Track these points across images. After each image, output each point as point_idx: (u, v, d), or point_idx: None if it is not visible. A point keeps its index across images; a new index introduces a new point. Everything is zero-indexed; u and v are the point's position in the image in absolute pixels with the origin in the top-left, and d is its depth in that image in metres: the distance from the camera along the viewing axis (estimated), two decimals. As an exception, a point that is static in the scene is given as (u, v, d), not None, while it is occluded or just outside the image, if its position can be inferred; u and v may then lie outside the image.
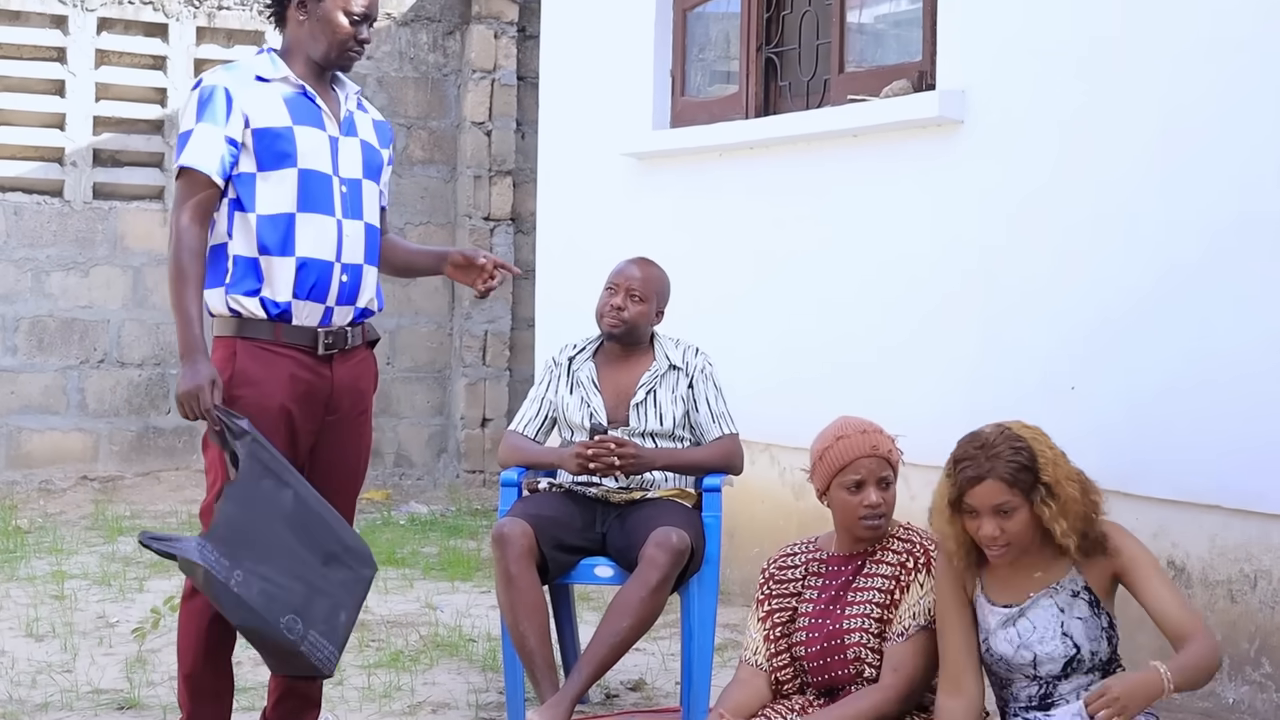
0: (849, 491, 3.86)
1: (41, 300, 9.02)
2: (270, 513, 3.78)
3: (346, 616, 3.87)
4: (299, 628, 3.76)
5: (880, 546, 3.91)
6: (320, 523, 3.85)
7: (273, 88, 3.97)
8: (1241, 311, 4.59)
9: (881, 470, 3.87)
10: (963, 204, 5.53)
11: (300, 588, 3.77)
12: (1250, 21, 4.58)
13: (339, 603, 3.85)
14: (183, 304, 3.84)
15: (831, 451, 3.89)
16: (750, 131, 6.50)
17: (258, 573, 3.72)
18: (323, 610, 3.80)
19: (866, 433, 3.91)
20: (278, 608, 3.73)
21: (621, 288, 4.91)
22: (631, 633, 4.45)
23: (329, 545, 3.86)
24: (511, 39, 9.89)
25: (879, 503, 3.85)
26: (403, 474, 9.84)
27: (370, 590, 4.05)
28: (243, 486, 3.77)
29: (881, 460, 3.88)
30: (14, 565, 7.07)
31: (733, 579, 6.37)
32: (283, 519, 3.79)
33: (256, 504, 3.77)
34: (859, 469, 3.85)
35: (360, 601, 3.95)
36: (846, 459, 3.86)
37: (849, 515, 3.88)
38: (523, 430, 4.95)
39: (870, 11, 6.41)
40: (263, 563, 3.74)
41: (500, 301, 9.89)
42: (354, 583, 3.90)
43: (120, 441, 9.20)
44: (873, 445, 3.88)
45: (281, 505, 3.79)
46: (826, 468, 3.90)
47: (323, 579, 3.82)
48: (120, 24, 9.11)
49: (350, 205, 4.00)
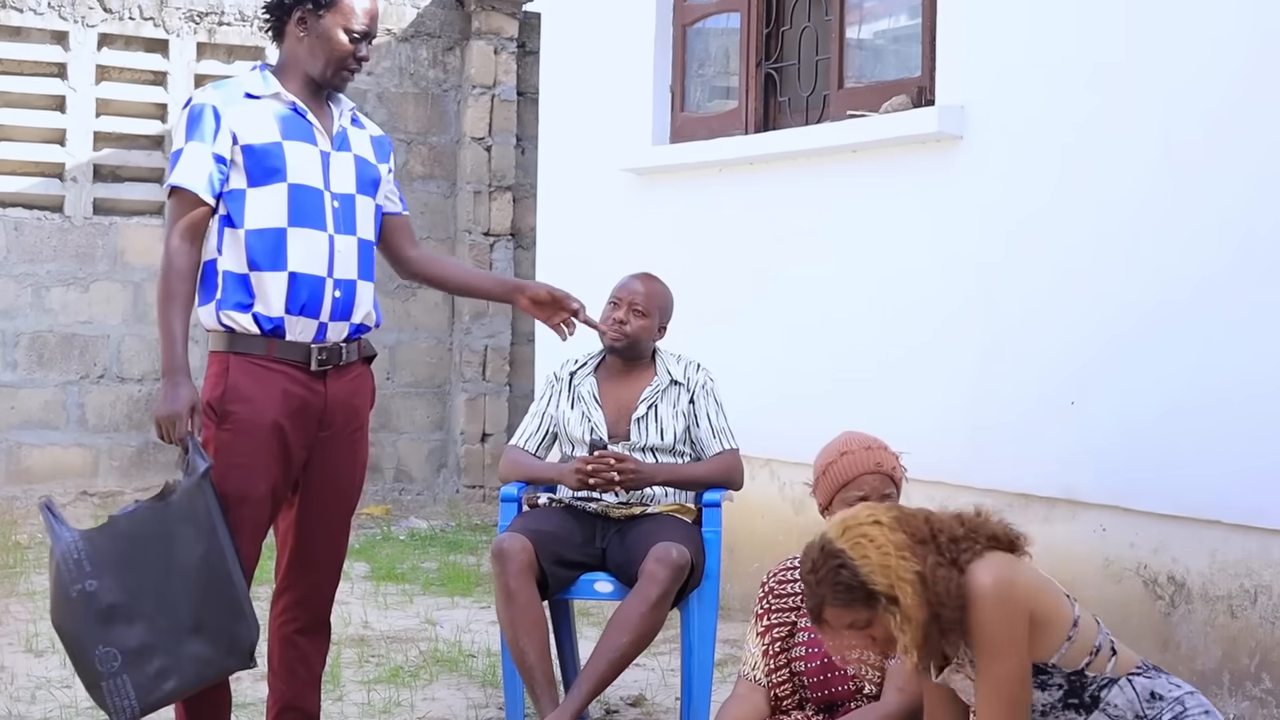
0: (850, 507, 3.82)
1: (42, 315, 9.02)
2: (165, 555, 3.72)
3: (174, 686, 3.73)
4: (114, 665, 3.68)
5: None
6: (218, 595, 3.73)
7: (263, 104, 3.96)
8: (1241, 330, 4.60)
9: (885, 487, 3.85)
10: (963, 219, 5.53)
11: (144, 632, 3.70)
12: (1250, 44, 4.59)
13: (175, 670, 3.72)
14: (168, 323, 3.84)
15: (835, 467, 3.88)
16: (750, 147, 6.50)
17: (111, 594, 3.68)
18: (154, 666, 3.70)
19: (871, 449, 3.90)
20: (105, 635, 3.68)
21: (624, 302, 4.92)
22: (631, 648, 4.45)
23: (210, 618, 3.74)
24: (511, 55, 9.90)
25: None
26: (402, 489, 9.84)
27: (368, 606, 4.03)
28: (159, 516, 3.74)
29: (885, 477, 3.87)
30: (14, 580, 7.07)
31: (733, 594, 6.36)
32: (175, 568, 3.72)
33: (159, 539, 3.73)
34: (862, 485, 3.84)
35: (201, 683, 3.78)
36: (850, 475, 3.86)
37: None
38: (523, 445, 4.95)
39: (870, 27, 6.42)
40: (125, 590, 3.69)
41: (500, 316, 9.89)
42: (205, 663, 3.75)
43: (120, 457, 9.19)
44: (876, 462, 3.87)
45: (183, 556, 3.72)
46: (830, 483, 3.89)
47: (175, 641, 3.72)
48: (121, 40, 9.12)
49: (343, 220, 4.00)
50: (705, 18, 7.05)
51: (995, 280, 5.41)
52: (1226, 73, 4.65)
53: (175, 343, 3.83)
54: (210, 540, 3.74)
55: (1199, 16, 4.73)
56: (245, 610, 3.78)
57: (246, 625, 3.78)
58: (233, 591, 3.76)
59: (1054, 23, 5.21)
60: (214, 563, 3.74)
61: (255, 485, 3.89)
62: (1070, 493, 5.09)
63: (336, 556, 4.17)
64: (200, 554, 3.73)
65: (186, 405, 3.77)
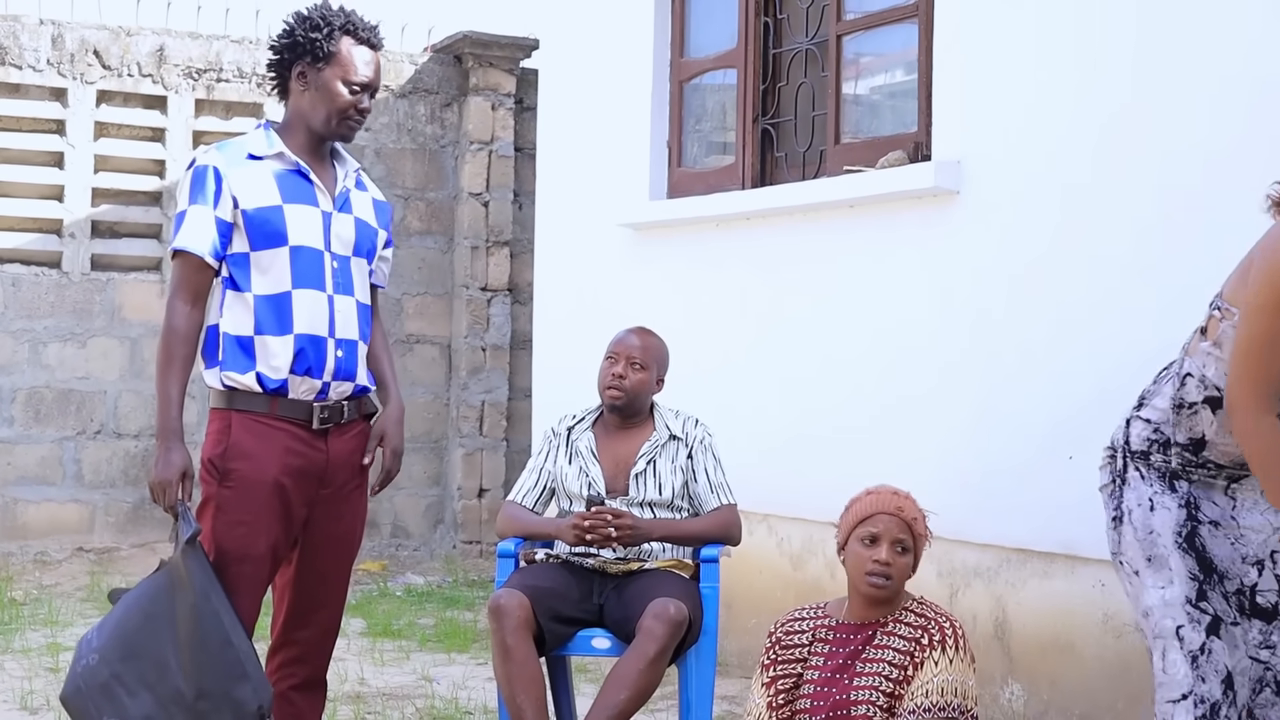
0: (863, 544, 3.92)
1: (39, 371, 9.02)
2: (161, 626, 3.76)
3: None
4: None
5: (893, 618, 3.91)
6: (214, 659, 3.75)
7: (264, 165, 3.97)
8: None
9: (900, 532, 3.93)
10: (959, 273, 5.54)
11: (148, 704, 3.72)
12: (1248, 96, 4.60)
13: None
14: (165, 387, 3.87)
15: (858, 504, 4.01)
16: (747, 202, 6.52)
17: (111, 667, 3.73)
18: None
19: (897, 494, 4.02)
20: (109, 706, 3.72)
21: (622, 356, 4.92)
22: (629, 704, 4.42)
23: (210, 684, 3.74)
24: (509, 111, 9.94)
25: (889, 562, 3.89)
26: (399, 544, 9.81)
27: (365, 663, 4.03)
28: (154, 587, 3.80)
29: (903, 523, 3.95)
30: (9, 637, 7.03)
31: (731, 650, 6.33)
32: (170, 638, 3.76)
33: (155, 611, 3.78)
34: (877, 523, 3.93)
35: None
36: (869, 511, 3.96)
37: (858, 569, 3.92)
38: (521, 500, 4.94)
39: (866, 83, 6.45)
40: (124, 663, 3.74)
41: (497, 372, 9.89)
42: None
43: (116, 513, 9.17)
44: (898, 506, 3.97)
45: (178, 624, 3.76)
46: (850, 518, 4.00)
47: (179, 709, 3.73)
48: (119, 96, 9.15)
49: (341, 282, 4.01)
50: (702, 74, 7.09)
51: (992, 333, 5.41)
52: (1223, 125, 4.66)
53: (170, 406, 3.85)
54: (202, 605, 3.75)
55: (1195, 69, 4.74)
56: (247, 671, 3.77)
57: (251, 686, 3.77)
58: (229, 653, 3.75)
59: (1049, 78, 5.23)
60: (207, 628, 3.75)
61: (256, 543, 3.89)
62: (1069, 547, 5.07)
63: (334, 613, 4.16)
64: (192, 621, 3.75)
65: (177, 472, 3.80)
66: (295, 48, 4.03)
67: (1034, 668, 5.23)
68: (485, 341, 9.87)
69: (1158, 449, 3.54)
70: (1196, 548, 3.47)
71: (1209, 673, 3.39)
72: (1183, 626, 3.42)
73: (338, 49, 4.00)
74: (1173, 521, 3.48)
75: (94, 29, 9.08)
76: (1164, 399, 3.57)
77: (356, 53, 4.02)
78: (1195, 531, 3.48)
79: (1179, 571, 3.45)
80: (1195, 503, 3.51)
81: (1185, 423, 3.52)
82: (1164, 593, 3.45)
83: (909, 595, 3.96)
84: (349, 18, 4.05)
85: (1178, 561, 3.46)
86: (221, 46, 9.33)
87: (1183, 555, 3.46)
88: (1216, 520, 3.51)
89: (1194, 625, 3.41)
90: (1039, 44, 5.28)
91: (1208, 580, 3.45)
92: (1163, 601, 3.45)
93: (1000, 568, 5.36)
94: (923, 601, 3.97)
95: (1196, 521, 3.49)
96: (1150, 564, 3.48)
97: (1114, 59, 5.00)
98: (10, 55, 8.88)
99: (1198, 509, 3.51)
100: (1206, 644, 3.41)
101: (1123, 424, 3.66)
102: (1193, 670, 3.39)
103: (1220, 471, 3.52)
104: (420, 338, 9.89)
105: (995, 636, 5.33)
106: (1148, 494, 3.52)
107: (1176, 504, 3.50)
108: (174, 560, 3.79)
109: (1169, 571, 3.46)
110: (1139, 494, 3.53)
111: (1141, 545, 3.49)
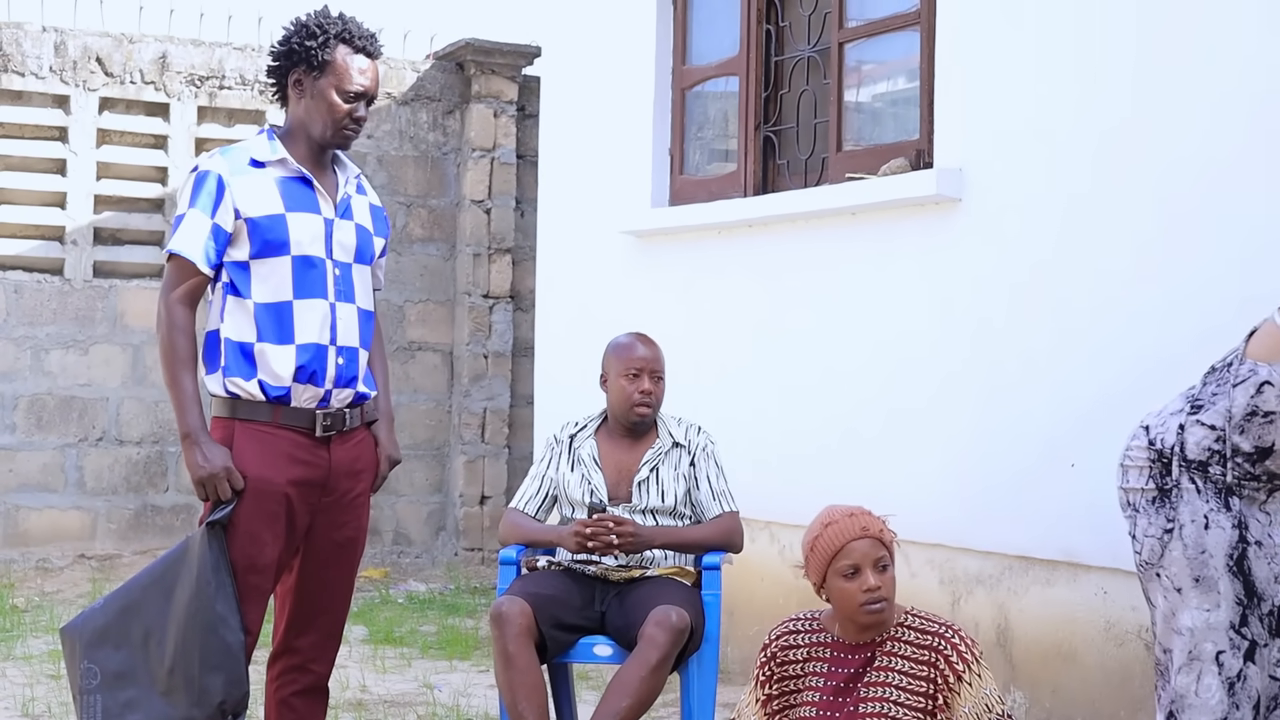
0: (846, 578, 3.72)
1: (41, 378, 9.02)
2: (163, 597, 3.83)
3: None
4: (93, 682, 3.79)
5: (890, 637, 3.77)
6: (196, 643, 3.78)
7: (267, 172, 3.97)
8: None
9: (876, 552, 3.73)
10: (961, 281, 5.54)
11: (124, 660, 3.80)
12: (1249, 107, 4.60)
13: (143, 705, 3.79)
14: (179, 383, 3.85)
15: (822, 540, 3.77)
16: (749, 210, 6.52)
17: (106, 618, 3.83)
18: (126, 695, 3.79)
19: (854, 515, 3.78)
20: (93, 653, 3.80)
21: (645, 371, 4.90)
22: (631, 712, 4.42)
23: (184, 664, 3.77)
24: (511, 118, 9.95)
25: (878, 586, 3.70)
26: (401, 552, 9.80)
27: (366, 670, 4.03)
28: (169, 559, 3.87)
29: (874, 541, 3.74)
30: (10, 644, 7.03)
31: (732, 658, 6.33)
32: (166, 610, 3.82)
33: (162, 582, 3.85)
34: (851, 553, 3.72)
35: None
36: (838, 544, 3.73)
37: (849, 604, 3.73)
38: (523, 508, 4.94)
39: (868, 90, 6.45)
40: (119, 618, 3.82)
41: (499, 379, 9.90)
42: (170, 707, 3.78)
43: (118, 520, 9.17)
44: (862, 527, 3.75)
45: (176, 600, 3.81)
46: (820, 557, 3.77)
47: (149, 678, 3.79)
48: (122, 104, 9.16)
49: (342, 289, 4.00)
50: (704, 81, 7.09)
51: (994, 341, 5.41)
52: (1222, 136, 4.66)
53: (189, 402, 3.85)
54: (201, 587, 3.79)
55: (1194, 81, 4.75)
56: (225, 665, 3.78)
57: (224, 680, 3.78)
58: (213, 641, 3.78)
59: (1051, 86, 5.24)
60: (195, 610, 3.79)
61: (263, 552, 3.89)
62: (1071, 555, 5.07)
63: (337, 620, 4.16)
64: (188, 599, 3.80)
65: (222, 463, 3.82)
66: (292, 56, 4.02)
67: (1036, 675, 5.23)
68: (487, 349, 9.87)
69: (1217, 460, 3.48)
70: (1244, 571, 3.44)
71: (1243, 700, 3.37)
72: (1223, 652, 3.39)
73: (333, 57, 3.99)
74: (1225, 543, 3.44)
75: (97, 36, 9.09)
76: (1232, 403, 3.50)
77: (352, 61, 4.01)
78: (1244, 554, 3.45)
79: (1227, 596, 3.41)
80: (1245, 522, 3.47)
81: (1256, 430, 3.47)
82: (1209, 615, 3.41)
83: (899, 608, 3.81)
84: (346, 25, 4.02)
85: (1226, 585, 3.41)
86: (224, 54, 9.34)
87: (1232, 579, 3.41)
88: (1260, 540, 3.49)
89: (1234, 652, 3.38)
90: (1040, 52, 5.28)
91: (1249, 604, 3.43)
92: (1206, 625, 3.41)
93: (1002, 575, 5.36)
94: (915, 613, 3.82)
95: (1245, 543, 3.46)
96: (1198, 584, 3.44)
97: (1115, 68, 5.01)
98: (13, 62, 8.89)
99: (1247, 528, 3.47)
100: (1244, 670, 3.38)
101: (1174, 428, 3.57)
102: (1229, 697, 3.37)
103: (1269, 483, 3.48)
104: (422, 345, 9.89)
105: (997, 644, 5.33)
106: (1204, 510, 3.47)
107: (1230, 524, 3.46)
108: (189, 539, 3.85)
109: (1217, 595, 3.41)
110: (1194, 509, 3.48)
111: (1190, 564, 3.44)
